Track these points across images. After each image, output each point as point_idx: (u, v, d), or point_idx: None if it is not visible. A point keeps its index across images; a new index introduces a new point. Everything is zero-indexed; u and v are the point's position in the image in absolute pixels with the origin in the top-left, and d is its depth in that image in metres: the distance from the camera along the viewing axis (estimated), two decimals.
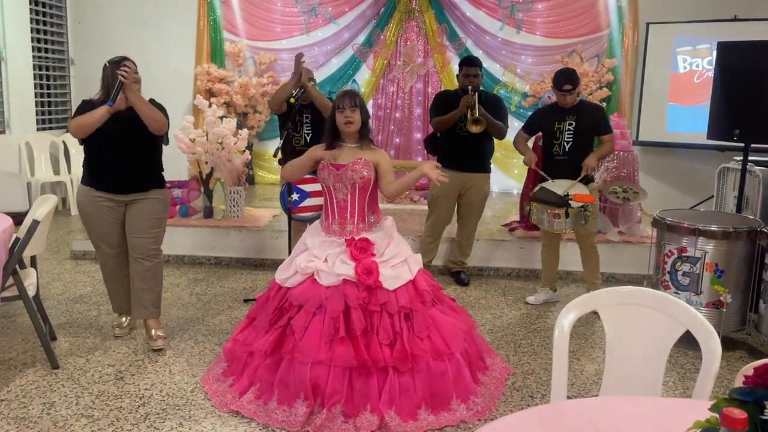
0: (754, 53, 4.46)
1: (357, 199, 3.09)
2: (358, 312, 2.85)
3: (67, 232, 6.31)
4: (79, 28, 8.11)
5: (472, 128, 4.49)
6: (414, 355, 2.84)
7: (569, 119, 4.21)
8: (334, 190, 3.10)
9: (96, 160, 3.49)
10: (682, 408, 1.52)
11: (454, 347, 2.97)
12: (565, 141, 4.21)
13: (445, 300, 3.24)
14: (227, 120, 5.62)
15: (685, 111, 7.20)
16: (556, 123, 4.24)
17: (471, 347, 3.13)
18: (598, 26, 7.80)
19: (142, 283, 3.60)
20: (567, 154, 4.21)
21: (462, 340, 3.05)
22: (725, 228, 3.63)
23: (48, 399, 2.97)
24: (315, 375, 2.77)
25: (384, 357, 2.80)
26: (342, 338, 2.80)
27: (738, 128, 4.46)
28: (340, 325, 2.82)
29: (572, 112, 4.22)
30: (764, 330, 3.63)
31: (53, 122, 7.90)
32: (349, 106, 3.05)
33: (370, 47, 8.16)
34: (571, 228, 4.14)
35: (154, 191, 3.58)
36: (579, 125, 4.19)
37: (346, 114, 3.06)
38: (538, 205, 4.14)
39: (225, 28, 8.15)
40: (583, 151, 4.23)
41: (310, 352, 2.79)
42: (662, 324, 1.90)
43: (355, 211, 3.09)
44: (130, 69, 3.31)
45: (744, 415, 0.93)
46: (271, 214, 6.03)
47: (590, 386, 3.28)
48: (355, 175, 3.04)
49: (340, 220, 3.10)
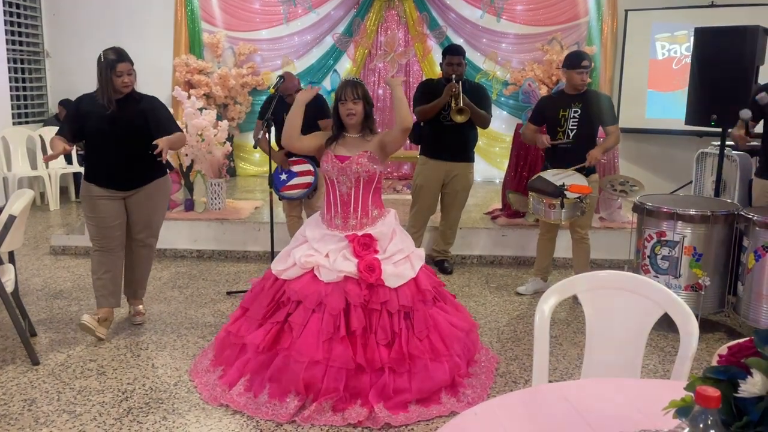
0: (731, 39, 4.51)
1: (361, 193, 3.01)
2: (358, 310, 2.79)
3: (45, 227, 6.23)
4: (53, 20, 7.96)
5: (457, 118, 4.47)
6: (412, 355, 2.80)
7: (575, 106, 4.14)
8: (337, 183, 3.02)
9: (95, 158, 3.53)
10: (659, 389, 1.54)
11: (453, 349, 2.92)
12: (570, 129, 4.14)
13: (447, 297, 3.18)
14: (207, 112, 5.57)
15: (664, 97, 7.26)
16: (561, 110, 4.17)
17: (470, 345, 3.10)
18: (577, 14, 7.83)
19: (142, 268, 3.82)
20: (571, 141, 4.15)
21: (461, 342, 3.00)
22: (703, 212, 3.68)
23: (29, 395, 2.94)
24: (310, 375, 2.74)
25: (381, 358, 2.76)
26: (342, 338, 2.76)
27: (715, 113, 4.51)
28: (341, 323, 2.77)
29: (578, 99, 4.15)
30: (742, 312, 3.69)
31: (29, 116, 7.78)
32: (352, 98, 2.99)
33: (350, 37, 8.12)
34: (568, 218, 4.08)
35: (155, 181, 3.63)
36: (584, 113, 4.13)
37: (348, 106, 2.99)
38: (534, 194, 4.08)
39: (203, 19, 8.07)
40: (588, 140, 4.17)
41: (307, 351, 2.75)
42: (641, 307, 1.92)
43: (358, 206, 3.01)
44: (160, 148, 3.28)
45: (717, 393, 0.94)
46: (252, 206, 6.00)
47: (572, 371, 3.31)
48: (361, 168, 2.97)
49: (343, 215, 3.03)
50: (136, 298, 3.89)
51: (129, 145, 3.45)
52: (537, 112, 4.39)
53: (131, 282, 3.84)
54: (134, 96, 3.50)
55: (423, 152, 4.91)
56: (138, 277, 3.83)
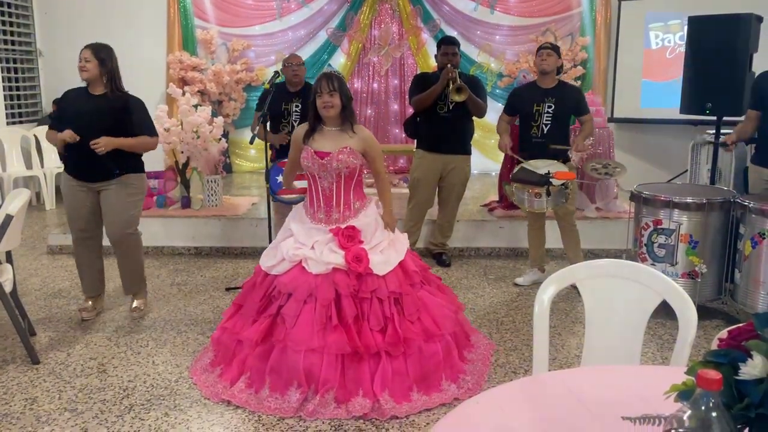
0: (724, 27, 4.51)
1: (343, 187, 3.04)
2: (349, 300, 2.83)
3: (42, 227, 6.22)
4: (45, 18, 7.93)
5: (456, 97, 4.45)
6: (405, 338, 2.85)
7: (548, 101, 4.18)
8: (319, 179, 3.05)
9: (69, 150, 3.63)
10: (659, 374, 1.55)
11: (444, 328, 2.98)
12: (544, 123, 4.18)
13: (433, 280, 3.24)
14: (201, 108, 5.55)
15: (659, 87, 7.26)
16: (535, 105, 4.21)
17: (458, 327, 3.15)
18: (570, 5, 7.83)
19: (124, 265, 3.90)
20: (545, 137, 4.19)
21: (451, 321, 3.06)
22: (699, 200, 3.69)
23: (30, 394, 2.94)
24: (309, 362, 2.76)
25: (376, 343, 2.80)
26: (335, 326, 2.79)
27: (710, 102, 4.52)
28: (332, 313, 2.81)
29: (551, 93, 4.19)
30: (740, 299, 3.71)
31: (23, 116, 7.74)
32: (327, 90, 2.98)
33: (344, 31, 8.10)
34: (552, 206, 4.13)
35: (127, 176, 3.71)
36: (558, 107, 4.17)
37: (324, 99, 2.99)
38: (519, 185, 4.11)
39: (196, 15, 8.03)
40: (561, 133, 4.22)
41: (302, 340, 2.77)
42: (639, 294, 1.93)
43: (341, 200, 3.05)
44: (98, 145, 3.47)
45: (719, 375, 0.95)
46: (249, 202, 5.99)
47: (572, 360, 3.33)
48: (341, 165, 2.99)
49: (326, 209, 3.06)
50: (128, 294, 4.01)
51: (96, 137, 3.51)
52: (509, 104, 4.46)
53: (122, 278, 3.97)
54: (115, 94, 3.60)
55: (419, 146, 4.92)
56: (123, 272, 3.93)
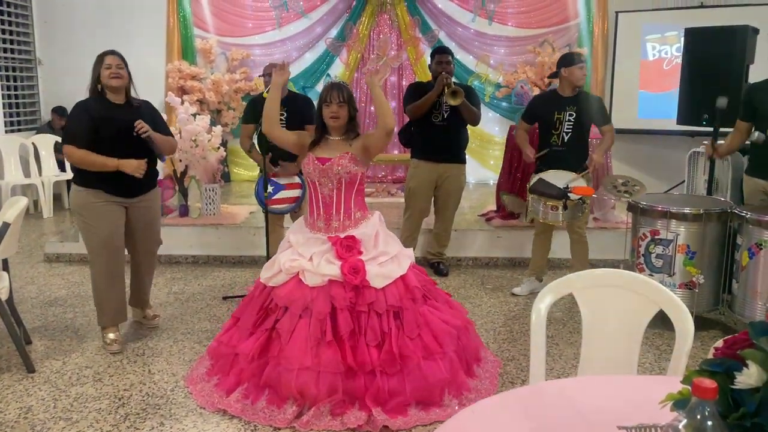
0: (721, 39, 4.55)
1: (343, 194, 2.99)
2: (345, 313, 2.77)
3: (39, 235, 6.21)
4: (45, 27, 7.95)
5: (451, 101, 4.47)
6: (403, 355, 2.76)
7: (569, 110, 4.16)
8: (319, 185, 3.01)
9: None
10: (656, 384, 1.55)
11: (447, 346, 2.88)
12: (565, 132, 4.16)
13: (440, 295, 3.15)
14: (200, 117, 5.57)
15: (656, 98, 7.30)
16: (556, 113, 4.19)
17: (467, 343, 3.06)
18: (568, 16, 7.88)
19: (149, 276, 3.86)
20: (565, 145, 4.17)
21: (455, 338, 2.95)
22: (696, 210, 3.70)
23: (25, 403, 2.92)
24: (302, 381, 2.72)
25: (371, 360, 2.74)
26: (329, 342, 2.73)
27: (706, 113, 4.54)
28: (327, 328, 2.75)
29: (572, 102, 4.17)
30: (737, 309, 3.71)
31: (22, 123, 7.75)
32: (337, 101, 2.96)
33: (343, 41, 8.13)
34: (568, 220, 4.10)
35: (155, 189, 3.69)
36: (579, 116, 4.15)
37: (332, 109, 2.97)
38: (535, 197, 4.09)
39: (195, 25, 8.07)
40: (582, 142, 4.21)
41: (296, 358, 2.73)
42: (636, 304, 1.93)
43: (341, 207, 3.00)
44: (142, 127, 3.34)
45: (714, 384, 0.95)
46: (247, 211, 5.99)
47: (569, 370, 3.32)
48: (342, 170, 2.95)
49: (325, 216, 3.01)
50: (144, 307, 3.90)
51: (137, 149, 3.40)
52: (529, 111, 4.43)
53: (139, 291, 3.83)
54: (134, 100, 3.50)
55: (414, 155, 4.93)
56: (146, 285, 3.85)
